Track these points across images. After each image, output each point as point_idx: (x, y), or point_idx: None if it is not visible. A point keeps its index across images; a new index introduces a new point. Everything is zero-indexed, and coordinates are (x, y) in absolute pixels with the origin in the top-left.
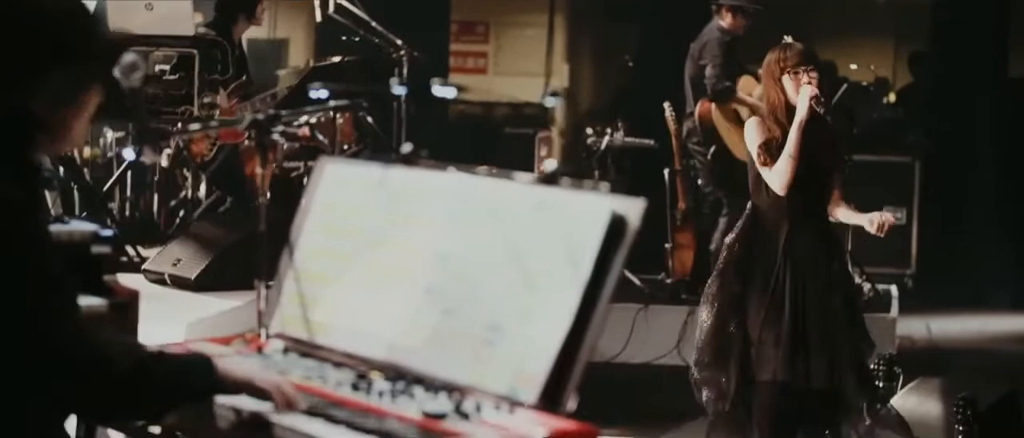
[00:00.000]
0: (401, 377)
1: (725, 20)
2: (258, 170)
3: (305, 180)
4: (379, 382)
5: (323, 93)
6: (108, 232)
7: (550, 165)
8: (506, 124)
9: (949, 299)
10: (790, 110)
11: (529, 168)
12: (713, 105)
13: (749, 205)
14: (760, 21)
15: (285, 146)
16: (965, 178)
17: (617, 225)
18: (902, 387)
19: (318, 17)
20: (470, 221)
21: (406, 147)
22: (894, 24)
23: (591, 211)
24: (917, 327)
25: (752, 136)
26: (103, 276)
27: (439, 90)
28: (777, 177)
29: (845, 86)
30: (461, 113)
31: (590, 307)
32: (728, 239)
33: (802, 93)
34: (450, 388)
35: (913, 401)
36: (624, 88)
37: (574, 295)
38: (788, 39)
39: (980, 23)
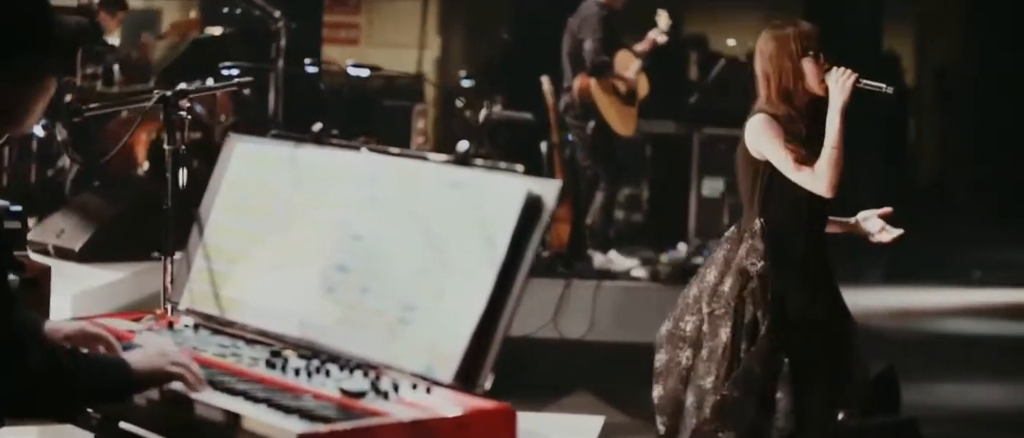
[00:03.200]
0: (315, 355)
1: None
2: (166, 147)
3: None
4: (294, 359)
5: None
6: (17, 207)
7: (463, 145)
8: (382, 96)
9: None
10: (807, 96)
11: (406, 141)
12: (592, 80)
13: (758, 224)
14: None
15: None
16: (845, 155)
17: (532, 205)
18: None
19: None
20: (383, 201)
21: (316, 126)
22: None
23: (506, 192)
24: None
25: (768, 135)
26: (14, 252)
27: (354, 70)
28: (823, 176)
29: (722, 62)
30: (335, 85)
31: (506, 287)
32: (753, 266)
33: (840, 77)
34: (365, 366)
35: None
36: (499, 61)
37: (489, 275)
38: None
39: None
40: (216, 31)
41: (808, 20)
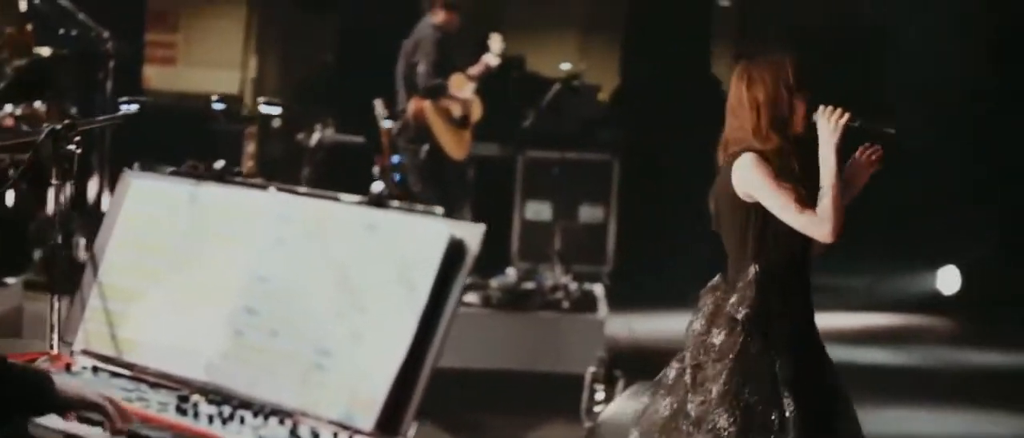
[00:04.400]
0: (226, 400)
1: (438, 17)
2: (54, 182)
3: (10, 172)
4: (204, 405)
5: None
6: None
7: (378, 187)
8: (209, 120)
9: (648, 297)
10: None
11: (237, 162)
12: (426, 103)
13: (752, 272)
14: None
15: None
16: (664, 176)
17: (455, 250)
18: (623, 391)
19: (23, 6)
20: (292, 242)
21: (219, 163)
22: (585, 17)
23: (428, 235)
24: (618, 326)
25: (760, 176)
26: None
27: (265, 108)
28: (827, 220)
29: (557, 86)
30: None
31: (428, 333)
32: (740, 313)
33: (828, 117)
34: (280, 413)
35: (634, 405)
36: (323, 84)
37: (411, 319)
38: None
39: (681, 20)
40: (45, 52)
41: (630, 41)
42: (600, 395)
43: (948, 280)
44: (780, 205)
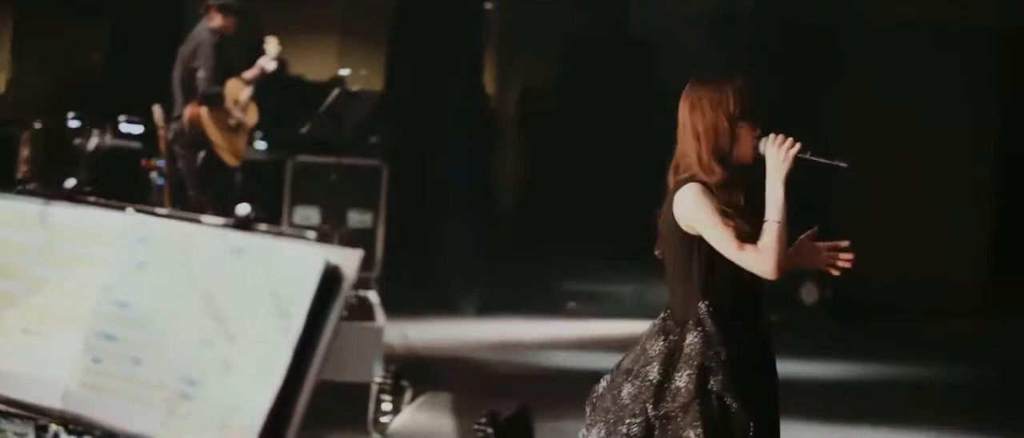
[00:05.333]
0: (87, 431)
1: (214, 21)
2: None
3: None
4: (64, 435)
5: None
6: None
7: (244, 209)
8: None
9: (417, 304)
10: (736, 163)
11: (11, 170)
12: (203, 108)
13: (703, 308)
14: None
15: None
16: (433, 183)
17: (331, 276)
18: (411, 401)
19: None
20: (153, 266)
21: (69, 182)
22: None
23: (301, 261)
24: (392, 334)
25: (702, 208)
26: None
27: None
28: (769, 256)
29: (338, 90)
30: None
31: (304, 362)
32: (717, 357)
33: (779, 144)
34: None
35: (423, 417)
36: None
37: (284, 349)
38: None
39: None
40: None
41: (395, 46)
42: (387, 405)
43: None
44: (720, 240)
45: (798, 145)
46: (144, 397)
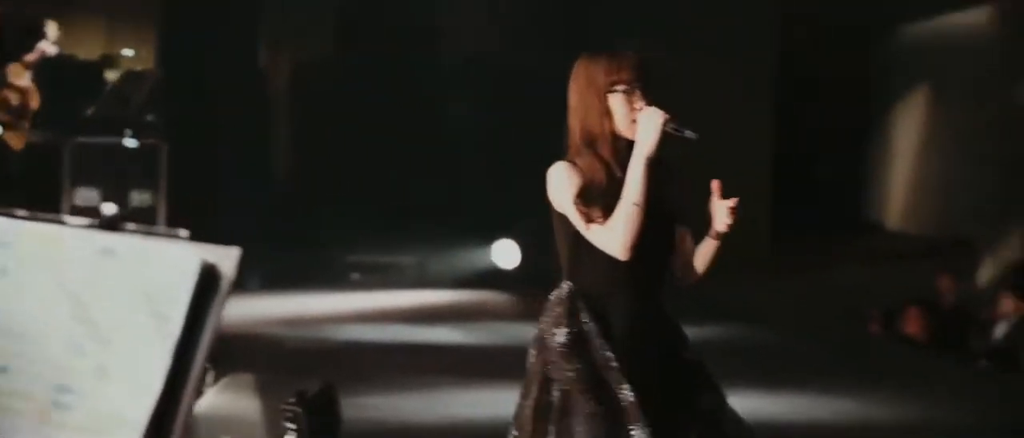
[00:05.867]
0: None
1: None
2: None
3: None
4: None
5: None
6: None
7: (110, 209)
8: None
9: None
10: (617, 141)
11: None
12: None
13: (565, 289)
14: None
15: None
16: (211, 161)
17: (209, 276)
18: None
19: None
20: (16, 270)
21: None
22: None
23: (176, 261)
24: None
25: (563, 185)
26: None
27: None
28: (617, 235)
29: (124, 71)
30: None
31: (185, 365)
32: (552, 337)
33: (647, 117)
34: None
35: (227, 399)
36: None
37: (162, 353)
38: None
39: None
40: None
41: (169, 25)
42: None
43: (506, 254)
44: (575, 219)
45: (663, 117)
46: (14, 407)
